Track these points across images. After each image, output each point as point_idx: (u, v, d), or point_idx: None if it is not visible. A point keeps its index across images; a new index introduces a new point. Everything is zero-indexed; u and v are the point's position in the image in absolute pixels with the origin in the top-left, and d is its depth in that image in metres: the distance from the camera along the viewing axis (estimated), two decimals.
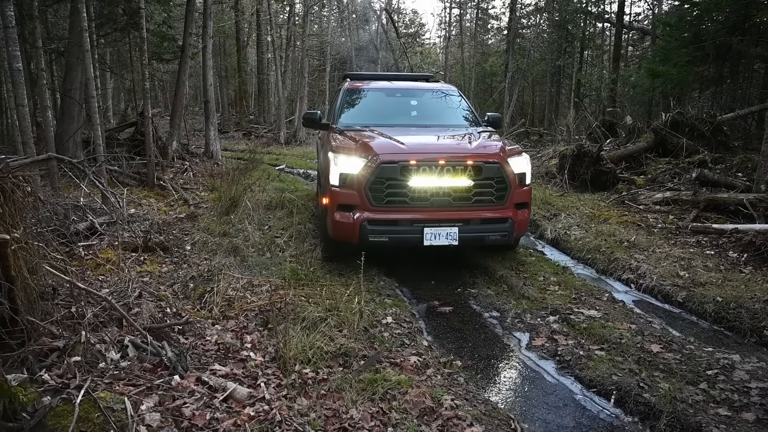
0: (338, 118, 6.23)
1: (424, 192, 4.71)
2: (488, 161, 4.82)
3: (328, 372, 3.03)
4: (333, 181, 4.89)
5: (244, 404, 2.57)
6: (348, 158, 4.84)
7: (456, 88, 7.22)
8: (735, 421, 2.72)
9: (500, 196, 4.87)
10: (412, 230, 4.72)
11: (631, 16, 22.57)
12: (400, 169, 4.66)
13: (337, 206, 4.85)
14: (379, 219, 4.72)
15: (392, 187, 4.69)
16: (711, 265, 5.19)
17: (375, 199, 4.70)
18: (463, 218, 4.81)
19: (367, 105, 6.63)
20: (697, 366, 3.31)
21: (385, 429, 2.45)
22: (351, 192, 4.78)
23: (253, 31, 27.22)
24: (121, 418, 2.16)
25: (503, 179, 4.84)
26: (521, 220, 5.07)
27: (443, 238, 4.71)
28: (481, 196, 4.83)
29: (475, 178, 4.76)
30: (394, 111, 6.50)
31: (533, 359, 3.64)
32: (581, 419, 2.94)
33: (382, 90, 7.00)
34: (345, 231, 4.80)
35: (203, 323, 3.56)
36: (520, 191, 5.04)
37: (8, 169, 2.16)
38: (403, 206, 4.74)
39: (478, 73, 25.93)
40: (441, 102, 6.75)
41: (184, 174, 10.59)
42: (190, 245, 5.82)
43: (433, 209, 4.75)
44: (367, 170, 4.69)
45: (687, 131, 10.12)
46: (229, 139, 20.60)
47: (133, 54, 14.10)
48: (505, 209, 4.90)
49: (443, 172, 4.70)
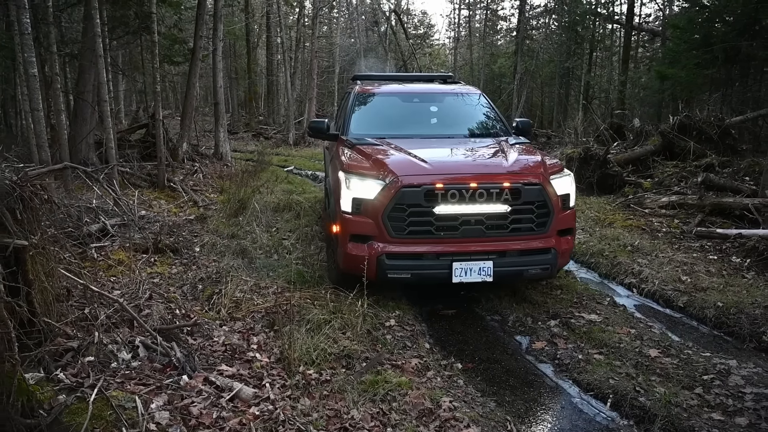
0: (348, 127, 5.53)
1: (453, 220, 4.07)
2: (528, 182, 4.16)
3: (331, 373, 3.12)
4: (345, 207, 4.24)
5: (250, 404, 2.67)
6: (362, 181, 4.21)
7: (479, 90, 6.48)
8: (728, 426, 2.78)
9: (542, 222, 4.21)
10: (439, 265, 4.11)
11: (641, 17, 22.45)
12: (424, 193, 4.02)
13: (349, 236, 4.21)
14: (400, 252, 4.10)
15: (415, 215, 4.05)
16: (713, 270, 5.23)
17: (395, 228, 4.06)
18: (499, 250, 4.18)
19: (380, 112, 5.96)
20: (693, 371, 3.37)
21: (385, 429, 2.54)
22: (366, 220, 4.14)
23: (263, 33, 27.44)
24: (132, 416, 2.27)
25: (545, 203, 4.18)
26: (565, 249, 4.44)
27: (475, 273, 4.09)
28: (520, 223, 4.17)
29: (512, 203, 4.09)
30: (412, 119, 5.87)
31: (533, 362, 3.71)
32: (577, 422, 3.02)
33: (398, 95, 6.25)
34: (359, 265, 4.05)
35: (211, 324, 3.67)
36: (564, 216, 4.38)
37: (27, 178, 2.29)
38: (428, 237, 4.10)
39: (486, 75, 25.94)
40: (463, 107, 6.06)
41: (194, 175, 10.75)
42: (199, 247, 5.94)
43: (463, 240, 4.12)
44: (385, 195, 4.05)
45: (695, 134, 10.10)
46: (239, 140, 20.80)
47: (145, 57, 14.32)
48: (547, 238, 4.26)
49: (475, 196, 4.03)
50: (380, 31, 27.17)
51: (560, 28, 23.12)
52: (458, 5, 32.66)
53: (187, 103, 12.39)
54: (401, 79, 7.35)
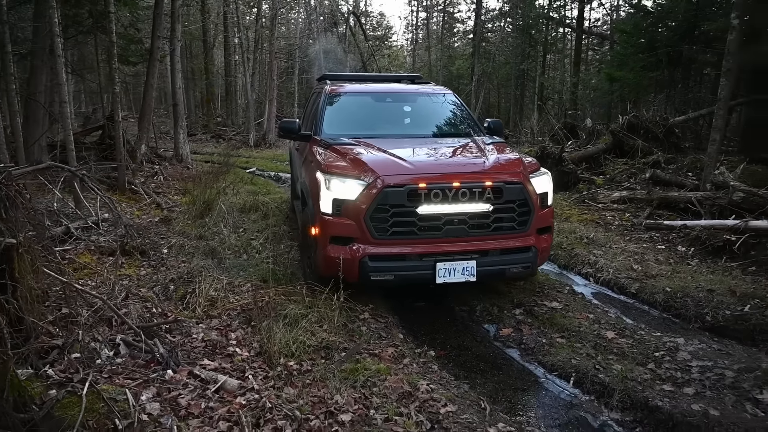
0: (321, 128, 5.41)
1: (436, 220, 4.05)
2: (509, 181, 4.18)
3: (311, 363, 3.24)
4: (324, 208, 4.16)
5: (235, 394, 2.76)
6: (343, 181, 4.12)
7: (451, 91, 6.41)
8: (677, 395, 3.06)
9: (523, 221, 4.24)
10: (422, 266, 4.07)
11: (591, 21, 23.49)
12: (407, 193, 3.98)
13: (329, 239, 4.13)
14: (383, 254, 4.05)
15: (398, 215, 4.01)
16: (662, 259, 5.62)
17: (377, 229, 4.01)
18: (481, 249, 4.19)
19: (353, 112, 5.83)
20: (646, 349, 3.66)
21: (368, 411, 2.68)
22: (347, 222, 4.06)
23: (219, 33, 27.02)
24: (123, 407, 2.33)
25: (526, 201, 4.21)
26: (544, 248, 4.49)
27: (459, 273, 4.08)
28: (502, 222, 4.19)
29: (494, 202, 4.11)
30: (385, 119, 5.78)
31: (500, 348, 3.94)
32: (544, 399, 3.25)
33: (370, 94, 6.13)
34: (340, 268, 4.05)
35: (189, 322, 3.71)
36: (543, 214, 4.43)
37: (11, 177, 2.30)
38: (411, 238, 4.07)
39: (445, 76, 26.42)
40: (436, 107, 6.03)
41: (154, 178, 10.55)
42: (166, 248, 5.90)
43: (447, 240, 4.10)
44: (367, 196, 3.99)
45: (642, 133, 10.72)
46: (197, 141, 20.41)
47: (99, 56, 13.92)
48: (527, 236, 4.29)
49: (458, 195, 4.03)
50: (339, 33, 27.23)
51: (515, 31, 23.83)
52: (415, 8, 33.13)
53: (145, 105, 12.14)
54: (369, 80, 7.26)
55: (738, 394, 3.00)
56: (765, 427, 2.66)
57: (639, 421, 2.98)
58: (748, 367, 3.22)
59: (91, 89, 18.58)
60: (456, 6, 30.69)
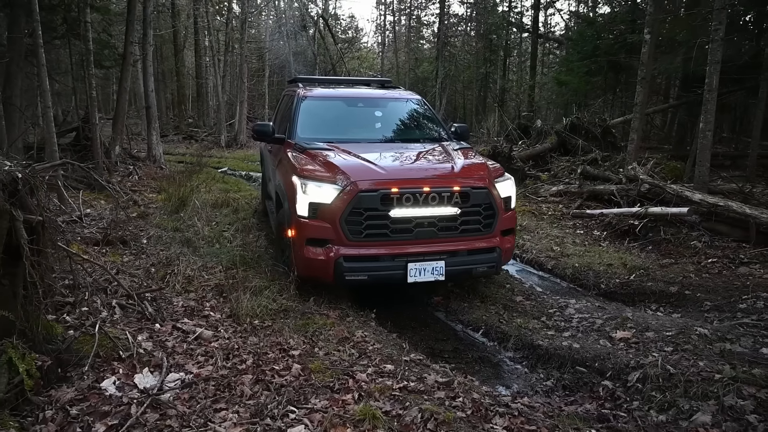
0: (295, 131, 5.51)
1: (407, 222, 4.26)
2: (476, 186, 4.42)
3: (272, 321, 4.02)
4: (301, 211, 4.34)
5: (210, 340, 3.53)
6: (319, 186, 4.29)
7: (420, 96, 6.65)
8: (556, 337, 3.96)
9: (488, 224, 4.49)
10: (395, 266, 4.28)
11: (548, 26, 24.73)
12: (380, 197, 4.17)
13: (306, 240, 4.32)
14: (357, 255, 4.25)
15: (371, 218, 4.20)
16: (578, 242, 6.58)
17: (352, 232, 4.20)
18: (449, 250, 4.41)
19: (326, 116, 5.95)
20: (543, 308, 4.57)
21: (313, 348, 3.49)
22: (323, 225, 4.25)
23: (190, 35, 27.38)
24: (125, 344, 3.08)
25: (491, 205, 4.47)
26: (508, 248, 4.75)
27: (428, 273, 4.30)
28: (468, 224, 4.43)
29: (462, 206, 4.35)
30: (358, 123, 5.94)
31: (431, 311, 4.79)
32: (458, 345, 4.12)
33: (343, 99, 6.32)
34: (316, 269, 4.31)
35: (170, 293, 4.45)
36: (506, 217, 4.69)
37: (36, 171, 3.01)
38: (384, 239, 4.28)
39: (411, 79, 27.36)
40: (406, 112, 6.23)
41: (129, 177, 11.13)
42: (146, 239, 6.58)
43: (417, 242, 4.32)
44: (342, 200, 4.18)
45: (583, 133, 11.81)
46: (169, 143, 20.84)
47: (73, 60, 14.32)
48: (492, 238, 4.54)
49: (428, 199, 4.25)
50: (309, 35, 27.90)
51: (477, 36, 24.93)
52: (383, 11, 34.03)
53: (119, 107, 12.66)
54: (340, 83, 7.46)
55: (600, 334, 3.92)
56: (608, 351, 3.57)
57: (525, 356, 3.88)
58: (613, 317, 4.14)
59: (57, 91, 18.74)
60: (423, 10, 31.65)
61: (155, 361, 3.06)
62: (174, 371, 2.98)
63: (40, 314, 2.78)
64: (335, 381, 2.94)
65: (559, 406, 3.11)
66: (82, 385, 2.73)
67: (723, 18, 6.34)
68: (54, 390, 2.65)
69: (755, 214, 5.55)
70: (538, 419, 2.62)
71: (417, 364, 3.35)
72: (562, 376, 3.53)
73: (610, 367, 3.42)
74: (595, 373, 3.45)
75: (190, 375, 2.96)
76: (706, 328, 3.75)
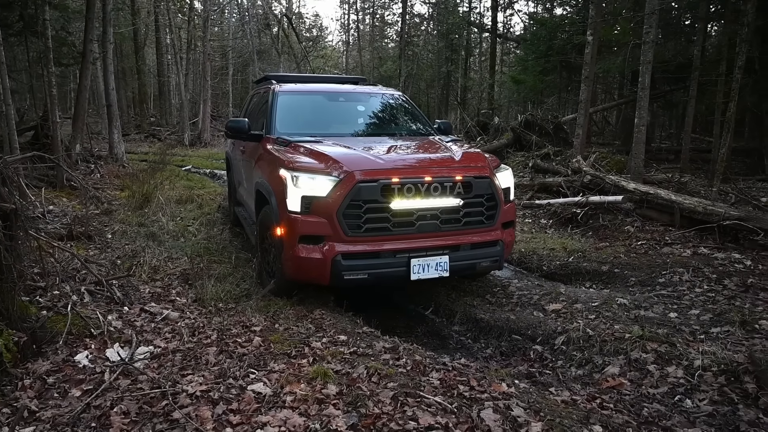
0: (274, 127, 5.21)
1: (409, 215, 4.02)
2: (478, 176, 4.22)
3: (235, 304, 4.30)
4: (292, 206, 4.02)
5: (177, 321, 3.79)
6: (312, 178, 3.99)
7: (401, 93, 6.50)
8: (497, 310, 4.38)
9: (490, 215, 4.30)
10: (396, 263, 4.02)
11: (507, 27, 25.52)
12: (380, 188, 3.91)
13: (299, 238, 3.99)
14: (357, 252, 3.97)
15: (372, 211, 3.93)
16: (526, 229, 7.06)
17: (350, 226, 3.91)
18: (453, 244, 4.20)
19: (306, 111, 5.68)
20: (488, 287, 4.99)
21: (274, 325, 3.79)
22: (318, 220, 3.95)
23: (150, 32, 27.03)
24: (96, 323, 3.32)
25: (493, 196, 4.28)
26: (509, 242, 4.62)
27: (432, 269, 4.08)
28: (471, 216, 4.23)
29: (464, 196, 4.15)
30: (340, 118, 5.74)
31: (384, 293, 5.15)
32: (409, 321, 4.49)
33: (323, 93, 6.01)
34: (310, 270, 4.00)
35: (137, 282, 4.67)
36: (507, 208, 4.53)
37: (7, 163, 3.21)
38: (385, 234, 4.00)
39: (375, 77, 27.70)
40: (389, 107, 6.08)
41: (91, 175, 11.12)
42: (111, 234, 6.73)
43: (420, 236, 4.08)
44: (339, 192, 3.90)
45: (537, 129, 12.40)
46: (131, 141, 20.62)
47: (31, 57, 14.10)
48: (495, 230, 4.37)
49: (430, 190, 4.03)
50: (272, 34, 27.92)
51: (438, 35, 25.50)
52: (347, 10, 34.29)
53: (79, 106, 12.57)
54: (313, 80, 7.11)
55: (535, 308, 4.35)
56: (539, 321, 4.01)
57: (470, 329, 4.28)
58: (549, 293, 4.59)
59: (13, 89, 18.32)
60: (386, 9, 32.07)
61: (125, 338, 3.31)
62: (143, 346, 3.25)
63: (15, 294, 3.00)
64: (292, 349, 3.26)
65: (496, 369, 3.52)
66: (57, 359, 2.97)
67: (653, 21, 6.92)
68: (30, 363, 2.89)
69: (679, 200, 6.13)
70: (470, 373, 3.01)
71: (368, 336, 3.70)
72: (500, 344, 3.94)
73: (541, 333, 3.85)
74: (528, 339, 3.87)
75: (159, 348, 3.23)
76: (626, 298, 4.24)
